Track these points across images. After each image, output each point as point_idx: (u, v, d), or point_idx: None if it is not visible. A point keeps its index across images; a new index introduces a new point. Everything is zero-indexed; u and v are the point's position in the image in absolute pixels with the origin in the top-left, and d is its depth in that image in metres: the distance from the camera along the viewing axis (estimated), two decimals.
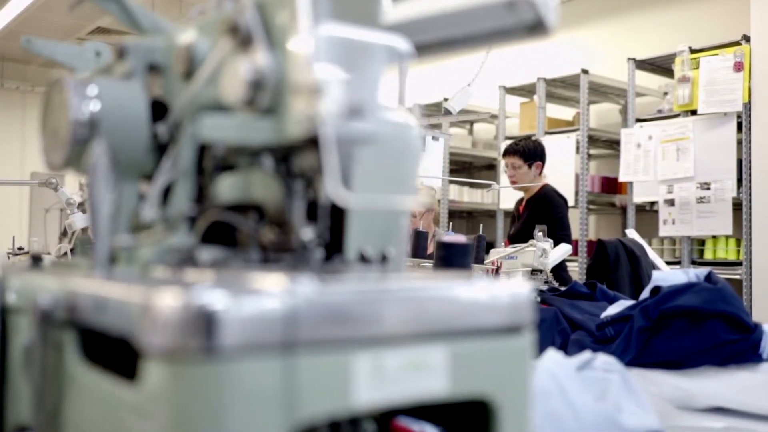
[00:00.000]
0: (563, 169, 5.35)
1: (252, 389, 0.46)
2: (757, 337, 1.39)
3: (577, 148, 5.40)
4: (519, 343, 0.60)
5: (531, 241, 2.84)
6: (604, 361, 1.04)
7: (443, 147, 5.42)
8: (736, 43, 4.51)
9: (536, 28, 0.69)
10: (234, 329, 0.46)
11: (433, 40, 0.75)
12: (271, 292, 0.48)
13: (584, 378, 0.98)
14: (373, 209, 0.77)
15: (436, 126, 4.77)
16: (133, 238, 0.69)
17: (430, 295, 0.55)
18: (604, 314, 1.58)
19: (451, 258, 1.13)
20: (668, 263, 3.93)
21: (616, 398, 0.97)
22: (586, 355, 1.04)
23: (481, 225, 3.34)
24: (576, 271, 5.16)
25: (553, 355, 1.01)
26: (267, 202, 0.65)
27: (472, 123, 7.15)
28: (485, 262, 2.88)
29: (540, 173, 3.91)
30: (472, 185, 6.46)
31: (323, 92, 0.53)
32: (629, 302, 1.62)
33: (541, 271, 2.88)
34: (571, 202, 5.26)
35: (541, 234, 2.83)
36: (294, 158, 0.63)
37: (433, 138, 3.14)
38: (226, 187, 0.67)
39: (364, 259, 0.74)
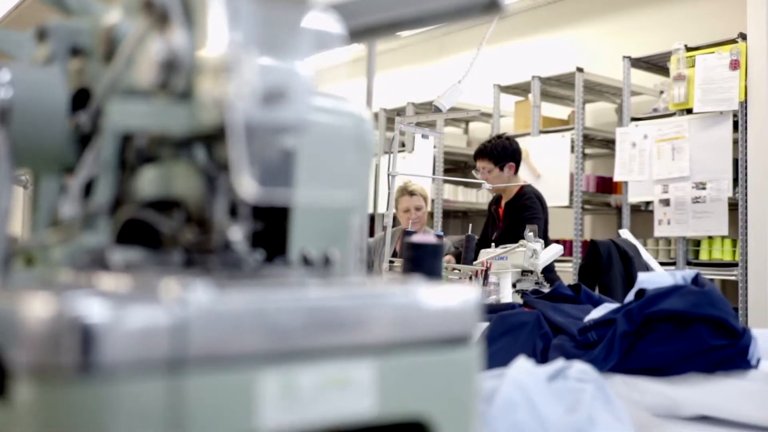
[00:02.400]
0: (558, 169, 5.29)
1: (133, 412, 0.40)
2: (745, 343, 1.32)
3: (572, 148, 5.34)
4: (462, 356, 0.53)
5: (521, 242, 2.79)
6: (579, 369, 0.98)
7: (433, 145, 5.36)
8: (733, 41, 4.45)
9: (491, 6, 0.63)
10: (113, 344, 0.40)
11: (382, 21, 0.69)
12: (159, 301, 0.41)
13: (555, 389, 0.91)
14: (318, 207, 0.70)
15: (431, 124, 4.70)
16: (46, 236, 0.63)
17: (354, 303, 0.49)
18: (587, 318, 1.52)
19: (419, 259, 1.07)
20: (663, 264, 3.86)
21: (590, 410, 0.90)
22: (560, 363, 0.98)
23: (470, 225, 3.29)
24: (570, 272, 5.10)
25: (522, 363, 0.94)
26: (188, 198, 0.59)
27: (467, 122, 7.09)
28: (475, 262, 2.82)
29: (515, 173, 3.85)
30: (466, 185, 6.39)
31: (233, 73, 0.47)
32: (614, 305, 1.56)
33: (531, 272, 2.84)
34: (565, 202, 5.21)
35: (531, 234, 2.78)
36: (214, 149, 0.57)
37: (423, 136, 3.07)
38: (146, 182, 0.60)
39: (306, 261, 0.68)
